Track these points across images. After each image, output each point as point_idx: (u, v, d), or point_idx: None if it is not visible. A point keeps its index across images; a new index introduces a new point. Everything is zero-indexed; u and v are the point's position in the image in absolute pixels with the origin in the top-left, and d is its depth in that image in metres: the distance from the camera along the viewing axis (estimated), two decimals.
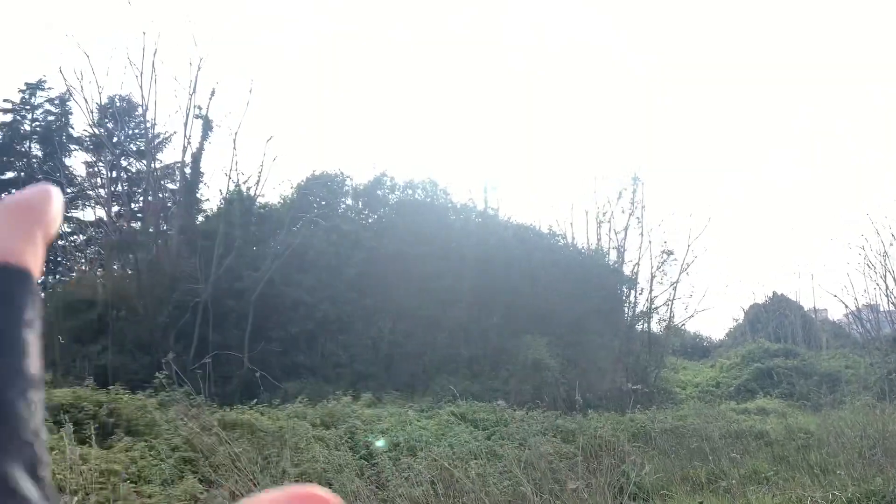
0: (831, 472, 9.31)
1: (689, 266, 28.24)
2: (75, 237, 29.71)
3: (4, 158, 35.03)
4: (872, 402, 19.35)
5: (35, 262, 0.40)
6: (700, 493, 8.44)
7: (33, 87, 35.57)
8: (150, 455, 8.51)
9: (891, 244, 30.14)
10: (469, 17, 66.86)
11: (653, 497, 8.94)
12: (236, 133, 21.37)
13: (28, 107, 35.91)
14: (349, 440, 10.70)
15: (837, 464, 9.68)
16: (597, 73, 69.77)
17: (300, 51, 59.28)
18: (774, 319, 40.34)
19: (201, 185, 22.56)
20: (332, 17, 59.97)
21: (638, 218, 28.04)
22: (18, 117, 35.66)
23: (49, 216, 0.43)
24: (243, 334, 19.66)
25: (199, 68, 21.29)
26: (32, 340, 0.38)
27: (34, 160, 33.63)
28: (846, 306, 36.64)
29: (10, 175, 35.02)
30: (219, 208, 22.03)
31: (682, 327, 35.92)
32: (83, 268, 23.42)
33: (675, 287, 28.49)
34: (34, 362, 0.37)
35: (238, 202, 21.54)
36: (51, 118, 36.24)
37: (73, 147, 36.53)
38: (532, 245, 25.37)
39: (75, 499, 5.82)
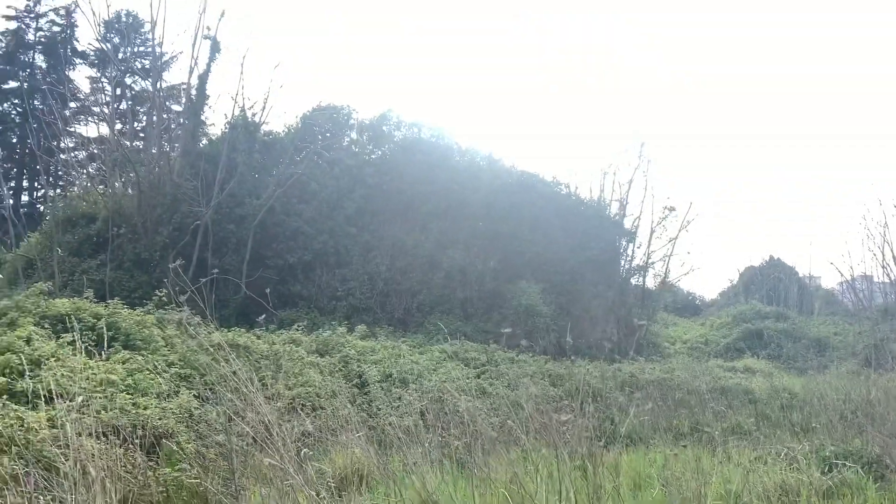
0: (811, 432, 9.52)
1: (689, 223, 28.30)
2: (77, 152, 29.57)
3: (7, 67, 34.58)
4: (857, 369, 19.67)
5: None
6: (682, 442, 8.63)
7: None
8: (147, 369, 8.64)
9: (892, 215, 30.14)
10: None
11: (635, 443, 9.15)
12: (244, 57, 21.04)
13: (32, 15, 35.28)
14: (342, 368, 10.88)
15: (818, 424, 9.89)
16: (610, 25, 68.42)
17: None
18: (769, 283, 40.58)
19: (206, 108, 22.29)
20: None
21: (643, 172, 27.94)
22: (23, 25, 35.06)
23: None
24: (242, 260, 19.73)
25: None
26: None
27: (38, 71, 33.21)
28: (841, 275, 36.85)
29: (13, 84, 34.66)
30: (223, 133, 21.80)
31: (677, 284, 36.21)
32: (84, 183, 23.31)
33: (674, 243, 28.60)
34: None
35: (243, 128, 21.33)
36: (56, 29, 35.67)
37: (77, 61, 36.07)
38: (535, 192, 25.27)
39: (75, 403, 5.93)
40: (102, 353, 8.15)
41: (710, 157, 71.03)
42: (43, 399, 6.52)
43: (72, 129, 30.92)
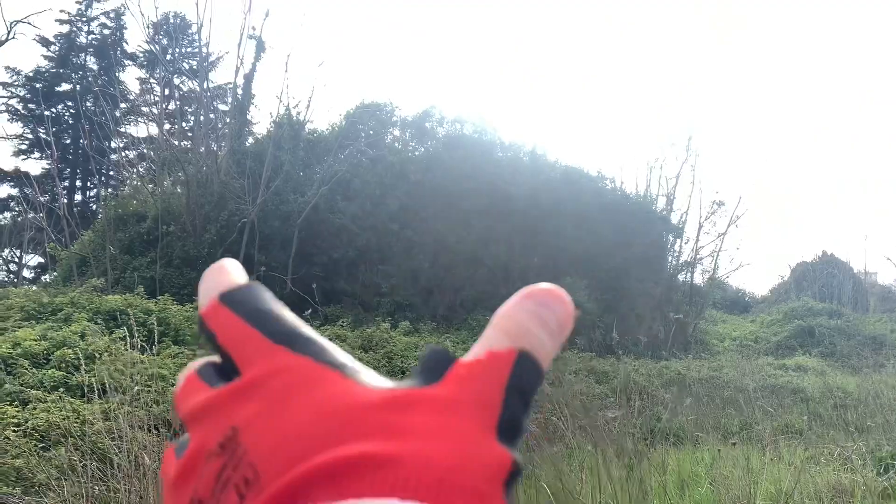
0: (867, 431, 9.25)
1: (738, 218, 27.74)
2: (128, 152, 30.31)
3: (61, 70, 35.60)
4: None
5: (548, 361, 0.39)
6: (732, 440, 8.46)
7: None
8: None
9: None
10: None
11: (683, 441, 9.00)
12: (289, 56, 21.34)
13: (84, 18, 36.26)
14: (387, 364, 10.94)
15: (875, 423, 9.60)
16: (657, 17, 67.37)
17: None
18: (821, 279, 39.56)
19: (252, 108, 22.66)
20: None
21: (691, 166, 27.49)
22: (75, 28, 36.05)
23: (567, 332, 0.40)
24: (287, 257, 19.99)
25: None
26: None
27: (89, 74, 34.12)
28: None
29: (66, 87, 35.67)
30: (268, 131, 22.12)
31: (726, 280, 35.56)
32: (135, 182, 23.90)
33: (723, 238, 28.07)
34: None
35: (288, 126, 21.60)
36: (106, 31, 36.59)
37: (127, 62, 36.97)
38: (580, 187, 25.04)
39: (129, 395, 6.09)
40: (153, 347, 8.35)
41: (761, 149, 69.47)
42: (97, 392, 6.70)
43: (122, 130, 31.72)
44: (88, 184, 35.98)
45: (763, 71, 71.86)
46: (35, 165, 36.23)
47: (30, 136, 34.55)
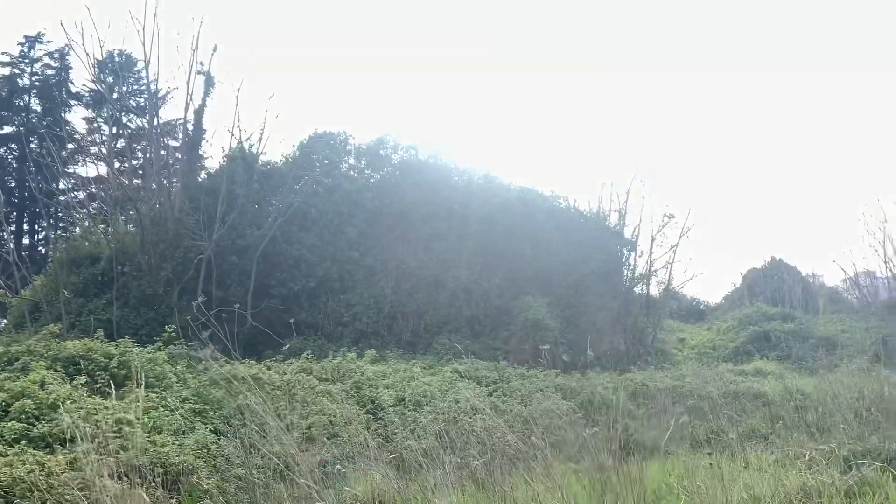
0: (828, 431, 9.51)
1: (689, 230, 28.35)
2: (76, 192, 29.70)
3: (3, 112, 34.79)
4: (868, 366, 19.61)
5: None
6: (700, 450, 8.62)
7: (32, 41, 35.19)
8: (162, 406, 8.66)
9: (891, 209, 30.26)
10: None
11: (652, 453, 9.12)
12: (238, 90, 21.22)
13: (27, 60, 35.57)
14: (355, 394, 10.88)
15: (834, 423, 9.88)
16: (601, 40, 68.97)
17: (304, 8, 58.43)
18: (772, 284, 40.55)
19: (204, 142, 22.44)
20: None
21: (641, 181, 28.06)
22: (17, 70, 35.33)
23: None
24: (246, 291, 19.77)
25: (201, 24, 21.04)
26: None
27: (33, 115, 33.45)
28: (844, 272, 36.92)
29: (8, 129, 34.85)
30: (221, 165, 21.95)
31: (681, 290, 36.25)
32: (86, 223, 23.41)
33: (675, 250, 28.64)
34: None
35: (241, 159, 21.46)
36: (50, 72, 35.94)
37: (73, 102, 36.31)
38: (534, 207, 25.39)
39: (94, 444, 5.95)
40: (116, 392, 8.17)
41: (706, 161, 71.25)
42: (61, 442, 6.54)
43: (70, 170, 31.11)
44: (36, 226, 35.08)
45: (704, 79, 73.95)
46: None
47: None
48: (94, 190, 25.49)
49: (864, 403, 11.32)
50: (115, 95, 25.59)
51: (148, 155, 23.66)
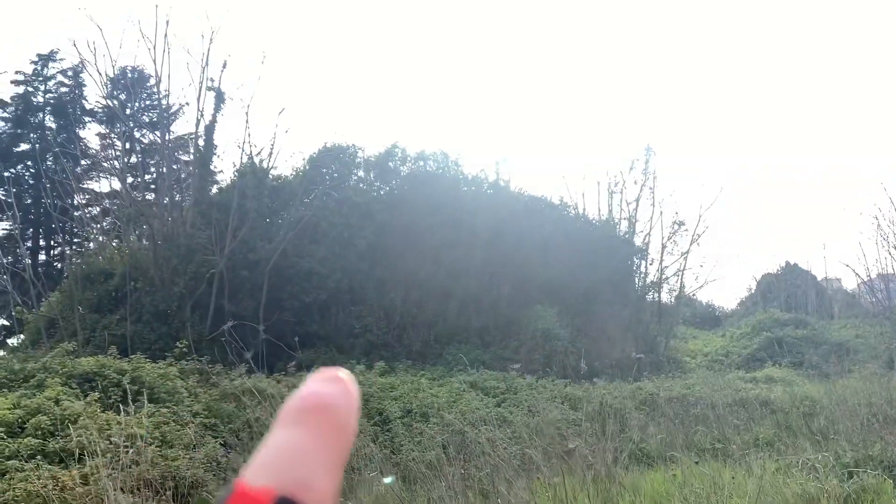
0: (832, 439, 9.55)
1: (699, 236, 28.38)
2: (91, 208, 30.11)
3: (19, 130, 35.36)
4: (880, 372, 19.53)
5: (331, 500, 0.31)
6: (702, 458, 8.70)
7: (45, 59, 35.76)
8: (173, 421, 8.85)
9: None
10: None
11: (656, 461, 9.22)
12: (249, 105, 21.52)
13: (41, 78, 36.14)
14: (363, 407, 11.01)
15: (838, 430, 9.91)
16: (610, 45, 69.12)
17: (311, 22, 59.04)
18: (786, 289, 40.31)
19: (215, 157, 22.75)
20: None
21: (650, 188, 28.13)
22: (31, 88, 35.91)
23: (352, 430, 0.32)
24: (258, 305, 19.99)
25: (211, 41, 21.36)
26: None
27: (48, 132, 33.95)
28: (858, 276, 36.69)
29: (24, 147, 35.40)
30: (232, 180, 22.23)
31: (693, 297, 36.15)
32: (99, 238, 23.78)
33: (686, 257, 28.67)
34: None
35: (251, 174, 21.73)
36: (64, 90, 36.49)
37: (86, 119, 36.85)
38: (543, 216, 25.51)
39: (107, 459, 6.14)
40: (129, 408, 8.37)
41: (718, 166, 71.00)
42: (75, 457, 6.73)
43: (84, 186, 31.56)
44: (52, 242, 35.56)
45: (717, 82, 73.75)
46: None
47: None
48: (107, 205, 25.85)
49: (871, 410, 11.33)
50: (127, 111, 26.01)
51: (161, 170, 24.04)
